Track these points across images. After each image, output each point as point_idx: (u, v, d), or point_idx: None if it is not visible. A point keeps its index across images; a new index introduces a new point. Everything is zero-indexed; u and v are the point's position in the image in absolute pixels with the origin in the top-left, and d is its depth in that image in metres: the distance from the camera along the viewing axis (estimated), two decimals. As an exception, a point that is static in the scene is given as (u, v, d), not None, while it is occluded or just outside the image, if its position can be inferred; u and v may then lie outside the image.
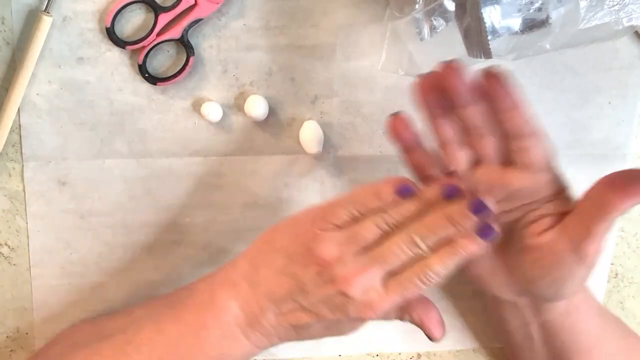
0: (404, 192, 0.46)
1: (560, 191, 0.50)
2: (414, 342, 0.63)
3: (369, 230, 0.46)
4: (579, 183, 0.60)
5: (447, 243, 0.45)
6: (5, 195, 0.56)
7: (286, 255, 0.47)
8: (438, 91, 0.47)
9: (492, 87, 0.47)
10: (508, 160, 0.49)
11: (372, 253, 0.46)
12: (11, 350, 0.59)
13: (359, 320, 0.47)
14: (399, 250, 0.45)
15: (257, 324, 0.48)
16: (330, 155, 0.57)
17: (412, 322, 0.49)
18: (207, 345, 0.48)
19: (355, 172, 0.58)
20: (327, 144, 0.57)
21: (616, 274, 0.63)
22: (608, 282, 0.63)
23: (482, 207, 0.45)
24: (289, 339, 0.49)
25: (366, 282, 0.45)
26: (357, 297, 0.45)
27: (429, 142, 0.49)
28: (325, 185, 0.58)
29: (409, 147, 0.50)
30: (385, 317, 0.48)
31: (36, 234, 0.57)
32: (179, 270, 0.59)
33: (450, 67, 0.46)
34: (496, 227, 0.46)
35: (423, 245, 0.45)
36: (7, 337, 0.59)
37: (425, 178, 0.50)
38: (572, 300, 0.54)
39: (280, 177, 0.58)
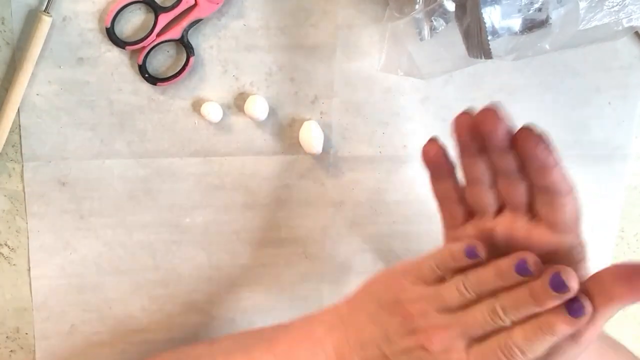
0: (470, 254, 0.45)
1: (578, 261, 0.47)
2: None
3: (451, 291, 0.45)
4: (579, 183, 0.60)
5: (534, 317, 0.43)
6: (5, 195, 0.56)
7: (378, 303, 0.47)
8: (475, 131, 0.45)
9: (531, 148, 0.44)
10: (532, 212, 0.46)
11: (455, 314, 0.45)
12: (11, 351, 0.59)
13: None
14: (481, 317, 0.44)
15: None
16: (330, 155, 0.57)
17: None
18: None
19: (355, 172, 0.58)
20: (327, 144, 0.57)
21: (616, 274, 0.63)
22: (608, 282, 0.63)
23: (561, 285, 0.42)
24: None
25: (447, 341, 0.44)
26: (436, 353, 0.44)
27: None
28: (325, 185, 0.58)
29: (440, 173, 0.47)
30: None
31: (36, 234, 0.57)
32: (179, 270, 0.59)
33: (491, 112, 0.44)
34: (587, 304, 0.43)
35: (505, 318, 0.43)
36: (7, 337, 0.59)
37: (448, 214, 0.48)
38: None
39: (280, 177, 0.58)
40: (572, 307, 0.42)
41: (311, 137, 0.55)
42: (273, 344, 0.50)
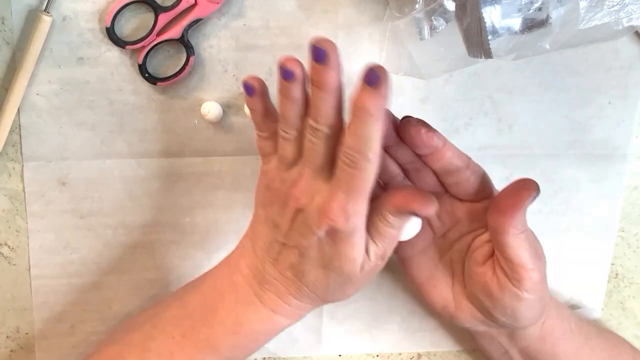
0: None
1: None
2: (415, 342, 0.63)
3: (282, 147, 0.47)
4: (579, 183, 0.60)
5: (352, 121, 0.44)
6: (5, 195, 0.56)
7: (262, 205, 0.49)
8: None
9: (417, 135, 0.48)
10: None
11: (298, 163, 0.46)
12: (11, 351, 0.59)
13: (338, 243, 0.46)
14: (309, 143, 0.45)
15: (263, 280, 0.48)
16: (330, 155, 0.57)
17: (400, 212, 0.47)
18: (223, 313, 0.49)
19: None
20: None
21: (616, 274, 0.63)
22: (608, 282, 0.63)
23: (373, 77, 0.42)
24: (300, 293, 0.48)
25: (306, 188, 0.46)
26: (307, 206, 0.45)
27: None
28: (325, 185, 0.58)
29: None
30: (354, 225, 0.45)
31: (36, 234, 0.57)
32: (179, 270, 0.59)
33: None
34: (380, 71, 0.42)
35: (319, 125, 0.44)
36: (7, 337, 0.59)
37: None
38: (545, 323, 0.54)
39: (280, 177, 0.58)
40: (370, 78, 0.42)
41: None
42: (199, 285, 0.52)
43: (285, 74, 0.45)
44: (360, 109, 0.43)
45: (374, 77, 0.42)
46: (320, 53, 0.43)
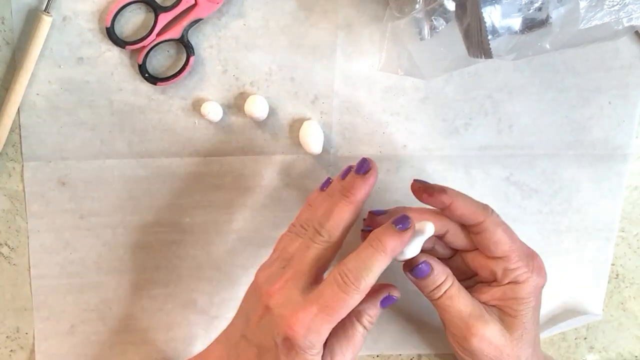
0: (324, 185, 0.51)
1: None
2: (415, 343, 0.63)
3: (288, 240, 0.48)
4: (579, 183, 0.60)
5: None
6: (5, 195, 0.56)
7: (245, 295, 0.50)
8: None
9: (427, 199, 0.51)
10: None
11: (288, 262, 0.47)
12: (11, 350, 0.59)
13: (293, 356, 0.45)
14: (303, 245, 0.47)
15: None
16: (330, 155, 0.57)
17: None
18: None
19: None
20: (327, 144, 0.57)
21: (617, 275, 0.63)
22: (609, 283, 0.63)
23: (365, 166, 0.48)
24: None
25: (283, 292, 0.45)
26: (275, 309, 0.45)
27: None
28: (325, 185, 0.58)
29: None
30: (311, 344, 0.45)
31: (36, 234, 0.57)
32: (179, 270, 0.59)
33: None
34: (410, 220, 0.46)
35: (325, 233, 0.46)
36: (7, 337, 0.59)
37: None
38: None
39: (280, 177, 0.58)
40: (397, 221, 0.45)
41: (311, 136, 0.55)
42: None
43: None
44: (377, 241, 0.45)
45: (401, 220, 0.46)
46: (366, 166, 0.48)
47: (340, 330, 0.47)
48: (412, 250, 0.48)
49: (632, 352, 0.66)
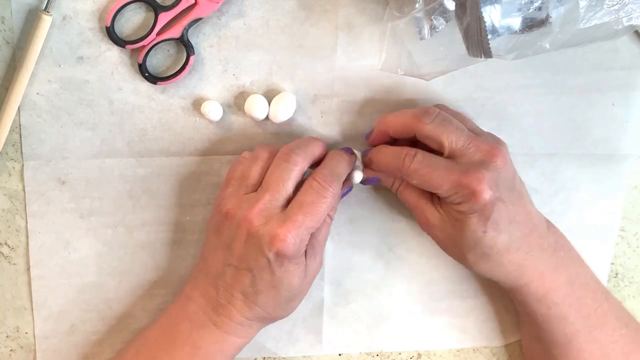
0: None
1: None
2: (415, 342, 0.63)
3: (251, 169, 0.52)
4: (579, 183, 0.60)
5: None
6: (5, 195, 0.56)
7: (213, 230, 0.53)
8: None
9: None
10: None
11: (261, 186, 0.51)
12: (11, 350, 0.59)
13: (287, 264, 0.50)
14: (278, 170, 0.50)
15: (218, 305, 0.52)
16: (330, 155, 0.57)
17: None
18: (180, 339, 0.52)
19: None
20: (327, 144, 0.57)
21: (616, 274, 0.63)
22: (608, 281, 0.63)
23: None
24: (251, 313, 0.52)
25: (264, 213, 0.50)
26: (259, 229, 0.49)
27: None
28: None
29: None
30: (300, 248, 0.50)
31: (36, 234, 0.57)
32: (179, 270, 0.59)
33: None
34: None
35: (299, 153, 0.51)
36: (7, 337, 0.59)
37: None
38: (543, 284, 0.54)
39: (280, 177, 0.58)
40: (347, 150, 0.55)
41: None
42: (157, 319, 0.55)
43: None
44: (339, 153, 0.53)
45: (347, 149, 0.55)
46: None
47: None
48: (358, 175, 0.55)
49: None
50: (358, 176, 0.55)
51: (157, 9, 0.52)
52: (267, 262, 0.50)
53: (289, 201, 0.50)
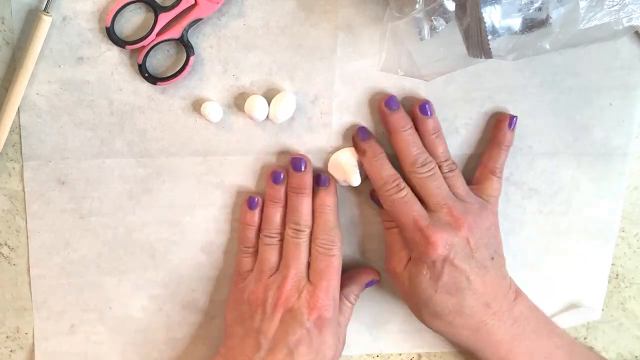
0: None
1: None
2: (415, 343, 0.63)
3: (267, 250, 0.55)
4: (579, 183, 0.60)
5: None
6: (5, 195, 0.56)
7: (237, 321, 0.55)
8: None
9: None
10: None
11: (281, 265, 0.54)
12: (11, 350, 0.59)
13: (324, 330, 0.53)
14: (292, 246, 0.54)
15: None
16: (330, 156, 0.57)
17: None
18: None
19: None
20: (327, 144, 0.57)
21: (617, 275, 0.63)
22: (609, 283, 0.63)
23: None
24: None
25: (296, 289, 0.53)
26: (295, 305, 0.53)
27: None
28: (325, 185, 0.58)
29: None
30: (335, 312, 0.54)
31: (36, 234, 0.57)
32: (179, 270, 0.59)
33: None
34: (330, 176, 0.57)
35: (302, 227, 0.54)
36: (7, 337, 0.59)
37: None
38: (499, 351, 0.55)
39: (280, 177, 0.58)
40: (320, 179, 0.56)
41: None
42: None
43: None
44: (325, 206, 0.55)
45: (323, 178, 0.56)
46: (300, 162, 0.55)
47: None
48: (355, 178, 0.56)
49: (632, 352, 0.66)
50: (356, 179, 0.56)
51: (157, 10, 0.52)
52: (306, 333, 0.53)
53: (308, 267, 0.55)
